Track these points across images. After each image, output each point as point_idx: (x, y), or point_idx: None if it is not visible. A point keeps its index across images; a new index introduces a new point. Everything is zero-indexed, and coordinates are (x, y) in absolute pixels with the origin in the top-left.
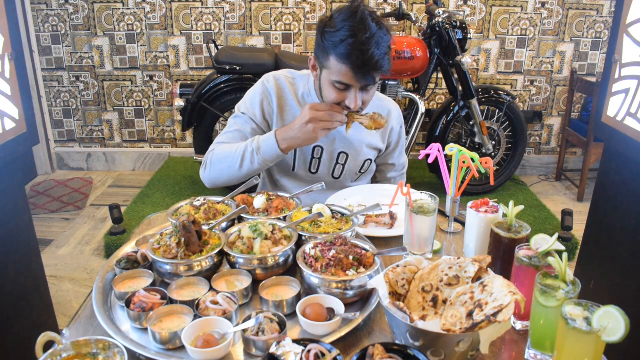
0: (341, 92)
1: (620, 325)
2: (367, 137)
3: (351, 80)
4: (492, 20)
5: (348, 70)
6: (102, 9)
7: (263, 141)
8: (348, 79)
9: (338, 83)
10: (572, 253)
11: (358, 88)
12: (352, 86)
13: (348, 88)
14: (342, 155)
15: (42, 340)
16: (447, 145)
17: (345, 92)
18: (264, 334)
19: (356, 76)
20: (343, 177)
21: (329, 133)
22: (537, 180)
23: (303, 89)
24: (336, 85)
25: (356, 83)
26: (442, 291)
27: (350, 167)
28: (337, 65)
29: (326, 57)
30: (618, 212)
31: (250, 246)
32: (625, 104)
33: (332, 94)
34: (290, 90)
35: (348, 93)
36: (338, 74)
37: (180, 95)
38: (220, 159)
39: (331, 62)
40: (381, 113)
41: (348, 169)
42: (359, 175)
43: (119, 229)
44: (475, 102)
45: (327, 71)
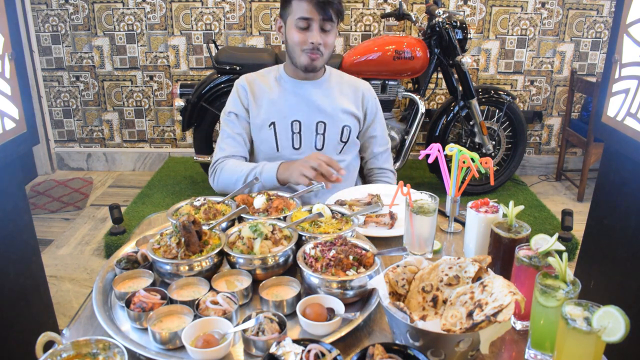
0: (303, 32)
1: (620, 325)
2: (340, 103)
3: (311, 12)
4: (492, 20)
5: (307, 4)
6: (102, 9)
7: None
8: (308, 12)
9: (300, 20)
10: (572, 253)
11: (318, 23)
12: (312, 22)
13: (309, 26)
14: (320, 125)
15: (42, 340)
16: (447, 145)
17: (307, 32)
18: (264, 334)
19: (315, 8)
20: (326, 148)
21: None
22: (537, 180)
23: (275, 75)
24: (299, 24)
25: (316, 14)
26: (442, 291)
27: (331, 136)
28: (298, 4)
29: (288, 5)
30: (618, 212)
31: (250, 246)
32: (625, 104)
33: (296, 35)
34: (261, 80)
35: (309, 32)
36: (299, 11)
37: (180, 95)
38: (228, 177)
39: (293, 6)
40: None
41: (329, 138)
42: (342, 145)
43: (119, 229)
44: (475, 102)
45: (290, 17)
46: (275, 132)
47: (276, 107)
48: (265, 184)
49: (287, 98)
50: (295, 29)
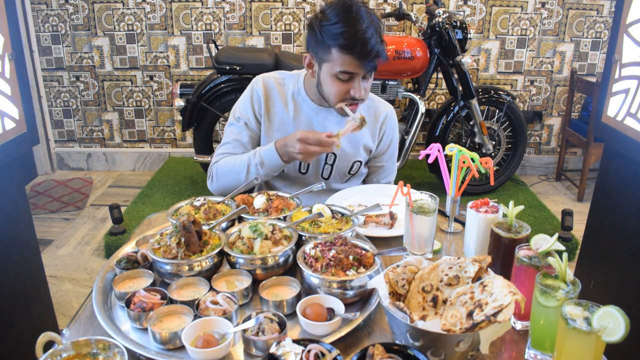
0: (344, 83)
1: (620, 325)
2: (358, 137)
3: (356, 68)
4: (492, 20)
5: (352, 59)
6: (102, 9)
7: (265, 155)
8: (353, 68)
9: (342, 73)
10: (572, 253)
11: (361, 77)
12: (355, 76)
13: (351, 78)
14: (330, 156)
15: (42, 340)
16: (447, 145)
17: (348, 83)
18: (264, 334)
19: (361, 64)
20: (332, 178)
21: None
22: (537, 180)
23: (293, 88)
24: (339, 76)
25: (361, 70)
26: (442, 291)
27: (339, 168)
28: (340, 57)
29: (327, 50)
30: (618, 212)
31: (250, 246)
32: (625, 104)
33: (335, 86)
34: (279, 91)
35: (351, 84)
36: (342, 64)
37: (180, 95)
38: (225, 173)
39: (333, 55)
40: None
41: (337, 170)
42: (349, 177)
43: (119, 229)
44: (475, 102)
45: (328, 64)
46: None
47: (288, 128)
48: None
49: (301, 121)
50: (334, 78)
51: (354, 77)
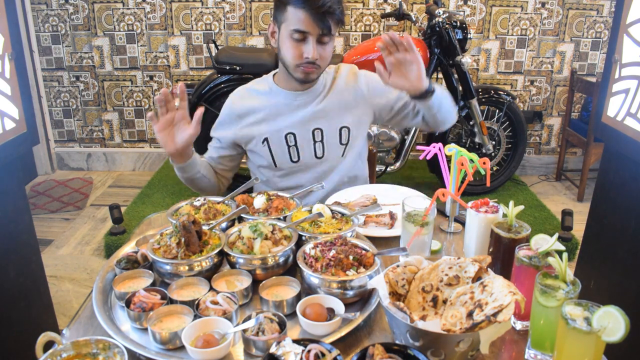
0: (299, 45)
1: (620, 325)
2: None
3: (308, 25)
4: (492, 20)
5: (305, 14)
6: (102, 9)
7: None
8: (305, 25)
9: (296, 32)
10: (572, 253)
11: (315, 37)
12: (309, 35)
13: (305, 39)
14: (317, 132)
15: (42, 340)
16: (447, 146)
17: (303, 44)
18: (264, 334)
19: (313, 20)
20: (327, 154)
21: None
22: (537, 180)
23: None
24: (294, 36)
25: (313, 28)
26: (442, 291)
27: (329, 141)
28: (294, 13)
29: (284, 9)
30: (618, 212)
31: (250, 246)
32: (625, 104)
33: (290, 48)
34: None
35: (305, 45)
36: (296, 22)
37: None
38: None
39: (289, 13)
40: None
41: (328, 144)
42: (343, 147)
43: (119, 229)
44: (475, 102)
45: (284, 25)
46: (269, 147)
47: (267, 123)
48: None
49: (279, 111)
50: (289, 39)
51: (308, 37)
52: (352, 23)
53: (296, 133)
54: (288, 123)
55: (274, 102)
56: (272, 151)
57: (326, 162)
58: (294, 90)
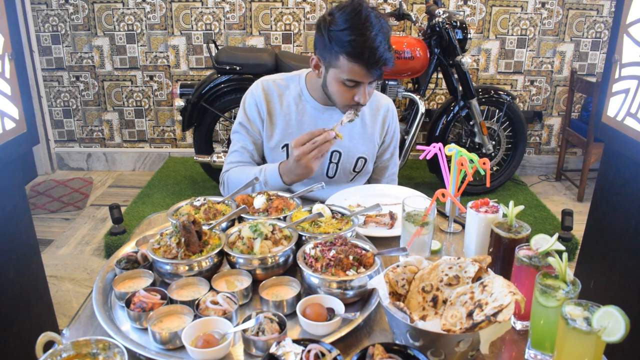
0: (351, 89)
1: (620, 325)
2: (360, 132)
3: (363, 77)
4: (492, 20)
5: (359, 68)
6: (102, 9)
7: (269, 176)
8: (360, 77)
9: (349, 81)
10: (572, 253)
11: (367, 83)
12: (361, 83)
13: (357, 85)
14: (335, 154)
15: (42, 340)
16: (447, 146)
17: (354, 89)
18: (264, 334)
19: (368, 73)
20: (337, 176)
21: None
22: (537, 180)
23: (295, 90)
24: (346, 83)
25: (367, 79)
26: (442, 291)
27: (344, 166)
28: (348, 64)
29: (334, 56)
30: (618, 212)
31: (250, 246)
32: (625, 104)
33: (342, 91)
34: (279, 94)
35: (356, 89)
36: (349, 73)
37: (180, 95)
38: (235, 185)
39: (341, 62)
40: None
41: (342, 167)
42: (354, 175)
43: (119, 229)
44: (475, 102)
45: (335, 70)
46: (287, 154)
47: (292, 130)
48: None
49: (305, 121)
50: (340, 84)
51: (360, 85)
52: None
53: None
54: None
55: (302, 108)
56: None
57: (334, 182)
58: (323, 104)
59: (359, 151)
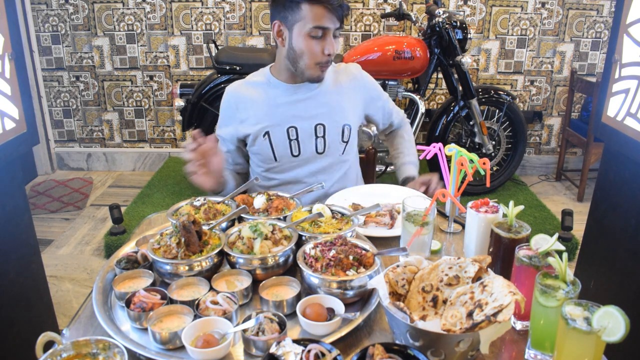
0: (317, 42)
1: (620, 325)
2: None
3: (328, 20)
4: (492, 20)
5: (323, 10)
6: (102, 9)
7: None
8: (325, 21)
9: (315, 29)
10: (572, 253)
11: (332, 31)
12: (327, 30)
13: (323, 36)
14: (319, 128)
15: (42, 340)
16: (447, 146)
17: (321, 41)
18: (264, 334)
19: (331, 14)
20: (327, 151)
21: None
22: (537, 180)
23: (262, 81)
24: (312, 33)
25: (333, 22)
26: (442, 291)
27: (332, 137)
28: (312, 10)
29: (296, 9)
30: (618, 212)
31: (250, 246)
32: (625, 104)
33: (310, 46)
34: (245, 91)
35: (324, 41)
36: (314, 19)
37: (180, 95)
38: None
39: (304, 11)
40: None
41: (330, 140)
42: (344, 145)
43: (119, 229)
44: (475, 102)
45: (299, 24)
46: (270, 141)
47: (268, 116)
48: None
49: (279, 104)
50: (307, 38)
51: (327, 34)
52: (352, 23)
53: (298, 127)
54: (289, 116)
55: (273, 94)
56: (272, 144)
57: (326, 158)
58: (292, 83)
59: (344, 119)
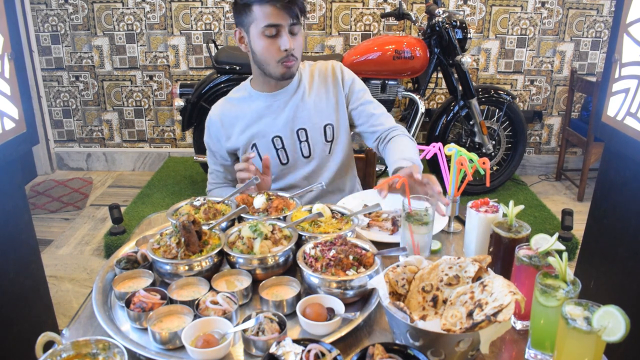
0: (273, 40)
1: (620, 325)
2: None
3: (278, 17)
4: (492, 19)
5: (272, 7)
6: (101, 9)
7: None
8: (275, 17)
9: (267, 28)
10: (572, 253)
11: (286, 27)
12: (281, 27)
13: (278, 33)
14: (301, 132)
15: (42, 340)
16: (447, 146)
17: (277, 39)
18: (264, 334)
19: (281, 10)
20: (314, 153)
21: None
22: (537, 180)
23: (243, 95)
24: (266, 32)
25: (284, 18)
26: (442, 291)
27: (315, 139)
28: (261, 10)
29: (248, 12)
30: (618, 212)
31: (250, 246)
32: (625, 104)
33: (266, 46)
34: (229, 108)
35: (279, 39)
36: (265, 18)
37: (180, 95)
38: None
39: (255, 12)
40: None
41: (313, 142)
42: (329, 145)
43: (118, 229)
44: (475, 102)
45: (253, 25)
46: (258, 153)
47: (252, 129)
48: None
49: (261, 115)
50: (262, 38)
51: (280, 31)
52: (352, 23)
53: (282, 135)
54: (273, 126)
55: (255, 106)
56: (261, 156)
57: (314, 161)
58: (271, 91)
59: (324, 120)
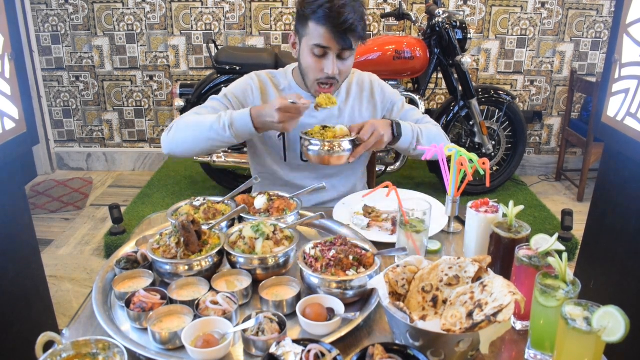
0: (319, 59)
1: (620, 325)
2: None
3: (329, 41)
4: (492, 20)
5: (326, 31)
6: (102, 9)
7: (237, 118)
8: (326, 41)
9: (317, 47)
10: (572, 253)
11: (335, 53)
12: (329, 50)
13: (326, 54)
14: None
15: (42, 340)
16: (447, 146)
17: (323, 59)
18: (264, 334)
19: (334, 36)
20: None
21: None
22: (537, 180)
23: (284, 84)
24: (315, 51)
25: (334, 44)
26: (442, 291)
27: None
28: (315, 29)
29: (305, 24)
30: (618, 212)
31: (252, 246)
32: (625, 104)
33: (311, 62)
34: (272, 86)
35: (325, 60)
36: (317, 37)
37: (180, 95)
38: (188, 126)
39: (310, 28)
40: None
41: None
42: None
43: (118, 229)
44: (475, 102)
45: (306, 38)
46: (284, 143)
47: None
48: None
49: None
50: (310, 54)
51: (328, 53)
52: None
53: None
54: (304, 123)
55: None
56: (285, 146)
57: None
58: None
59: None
